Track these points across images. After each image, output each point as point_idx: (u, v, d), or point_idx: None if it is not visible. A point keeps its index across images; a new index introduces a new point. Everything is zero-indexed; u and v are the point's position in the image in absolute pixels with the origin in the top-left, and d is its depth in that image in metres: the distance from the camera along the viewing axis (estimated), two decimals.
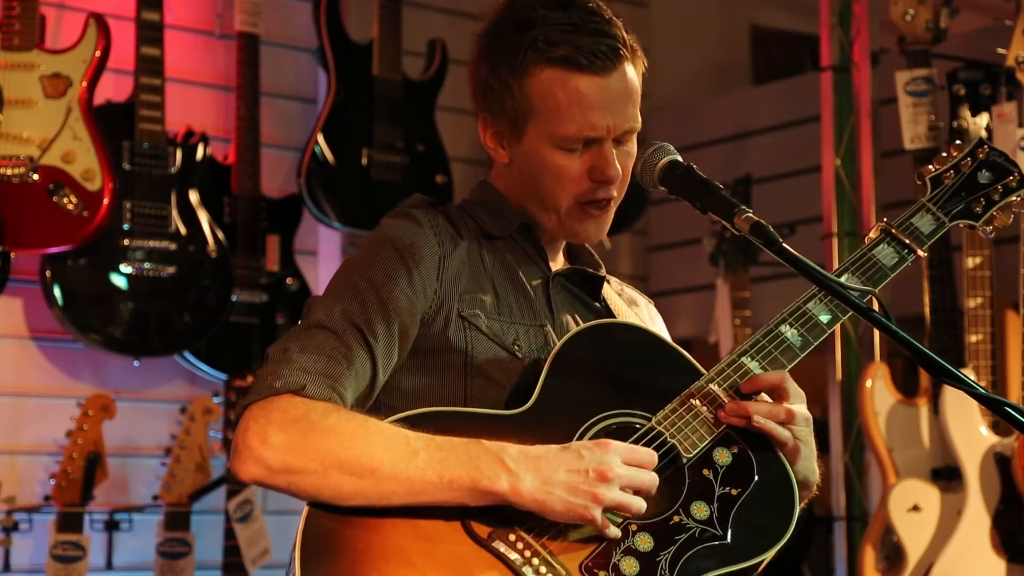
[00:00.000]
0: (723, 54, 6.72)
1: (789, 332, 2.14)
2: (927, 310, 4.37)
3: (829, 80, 4.99)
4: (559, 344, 2.10)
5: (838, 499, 4.85)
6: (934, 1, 4.43)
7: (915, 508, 4.25)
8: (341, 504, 1.94)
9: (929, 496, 4.26)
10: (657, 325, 2.41)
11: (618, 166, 2.16)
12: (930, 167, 2.32)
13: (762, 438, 2.08)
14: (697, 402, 2.07)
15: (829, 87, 4.99)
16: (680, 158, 2.17)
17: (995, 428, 4.15)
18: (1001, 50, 4.20)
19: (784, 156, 5.80)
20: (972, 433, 4.15)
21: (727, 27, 6.74)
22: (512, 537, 1.95)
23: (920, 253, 2.22)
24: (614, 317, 2.28)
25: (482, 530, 1.95)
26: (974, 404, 4.10)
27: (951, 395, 4.15)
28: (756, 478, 2.05)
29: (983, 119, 4.28)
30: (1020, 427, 1.92)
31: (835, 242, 4.88)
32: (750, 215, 2.05)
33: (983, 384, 3.36)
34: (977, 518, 4.11)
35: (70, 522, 4.21)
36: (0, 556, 4.25)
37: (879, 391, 4.36)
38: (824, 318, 2.15)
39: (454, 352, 2.10)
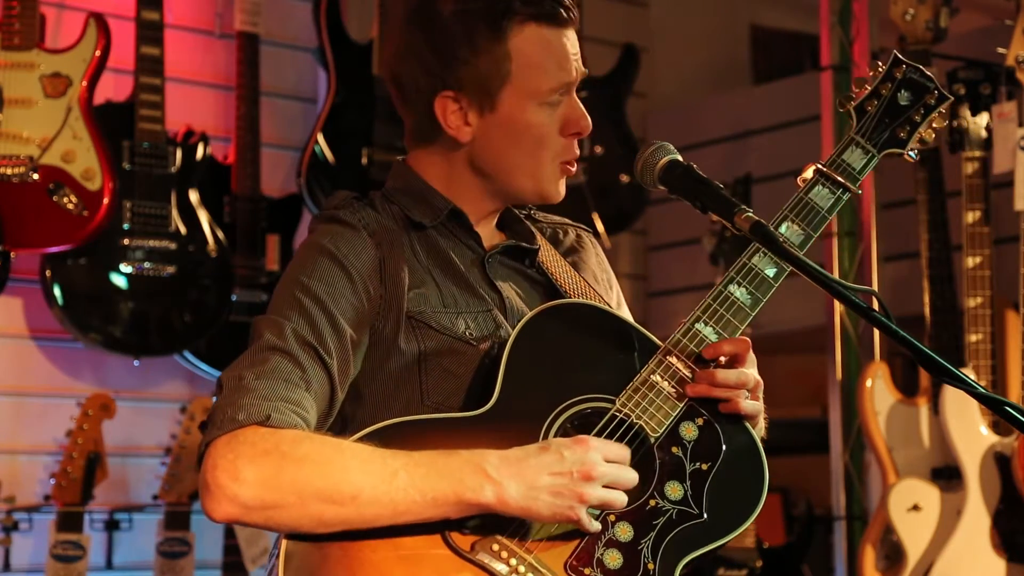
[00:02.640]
0: (723, 54, 6.71)
1: (738, 292, 2.11)
2: (927, 310, 4.37)
3: (829, 80, 4.99)
4: (512, 335, 2.07)
5: (838, 499, 4.85)
6: (934, 1, 4.43)
7: (915, 508, 4.25)
8: (323, 532, 1.90)
9: (929, 496, 4.25)
10: (594, 265, 2.37)
11: (588, 117, 2.18)
12: (851, 95, 2.28)
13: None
14: (658, 377, 2.06)
15: (829, 87, 4.99)
16: (680, 157, 2.16)
17: (995, 428, 4.15)
18: (1001, 49, 4.19)
19: (784, 156, 5.79)
20: (972, 433, 4.15)
21: (727, 27, 6.73)
22: (495, 546, 1.94)
23: (854, 190, 2.19)
24: (553, 283, 2.24)
25: (464, 541, 1.93)
26: (974, 404, 4.10)
27: (951, 395, 4.15)
28: (724, 448, 2.04)
29: (983, 118, 4.28)
30: (1020, 427, 1.92)
31: (835, 242, 4.88)
32: (750, 214, 2.05)
33: (983, 384, 3.36)
34: (977, 518, 4.11)
35: (70, 521, 4.21)
36: (0, 556, 4.25)
37: (879, 391, 4.36)
38: (770, 272, 2.12)
39: (407, 353, 2.08)
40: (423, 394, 2.07)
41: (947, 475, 4.25)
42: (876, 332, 4.75)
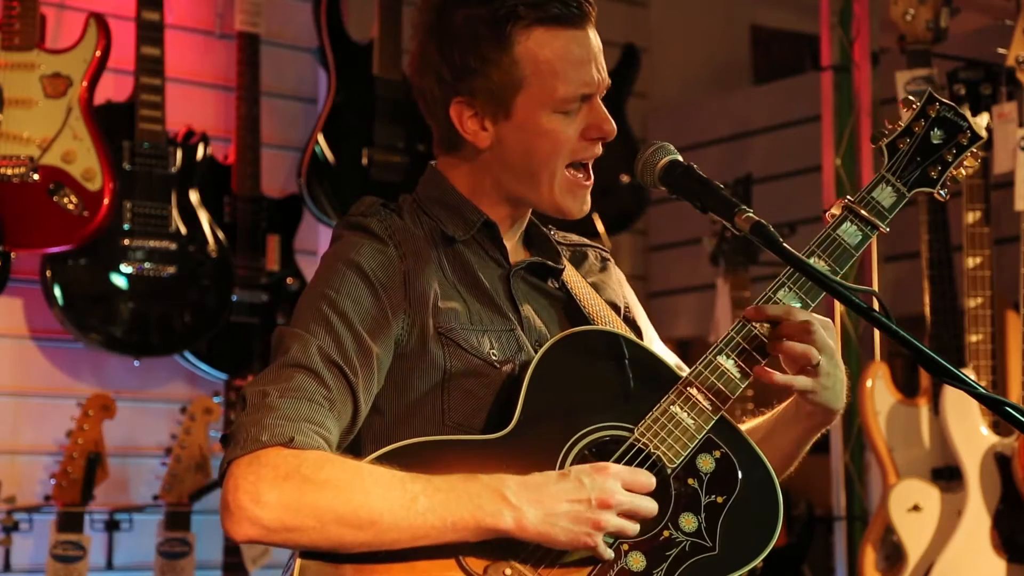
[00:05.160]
0: (723, 54, 6.71)
1: (760, 326, 2.09)
2: (927, 310, 4.37)
3: (829, 80, 5.00)
4: (534, 360, 2.06)
5: (838, 499, 4.85)
6: (934, 1, 4.43)
7: (915, 508, 4.25)
8: (342, 553, 1.92)
9: (929, 496, 4.26)
10: (614, 286, 2.36)
11: (612, 121, 2.15)
12: (884, 131, 2.24)
13: (743, 439, 2.07)
14: (678, 408, 2.05)
15: (829, 87, 4.99)
16: (680, 158, 2.15)
17: (995, 428, 4.15)
18: (1001, 50, 4.19)
19: (784, 156, 5.80)
20: (972, 433, 4.15)
21: (727, 27, 6.73)
22: (508, 571, 1.94)
23: (882, 229, 2.16)
24: (575, 303, 2.23)
25: (477, 565, 1.93)
26: (974, 404, 4.10)
27: (951, 395, 4.15)
28: (740, 483, 2.04)
29: (983, 119, 4.25)
30: (1020, 427, 1.92)
31: None
32: (750, 215, 2.04)
33: (983, 384, 3.36)
34: (977, 518, 4.11)
35: (70, 522, 4.21)
36: (0, 556, 4.25)
37: (879, 391, 4.36)
38: (794, 305, 2.10)
39: (432, 369, 2.07)
40: (444, 412, 2.07)
41: (947, 475, 4.25)
42: (876, 332, 4.75)
